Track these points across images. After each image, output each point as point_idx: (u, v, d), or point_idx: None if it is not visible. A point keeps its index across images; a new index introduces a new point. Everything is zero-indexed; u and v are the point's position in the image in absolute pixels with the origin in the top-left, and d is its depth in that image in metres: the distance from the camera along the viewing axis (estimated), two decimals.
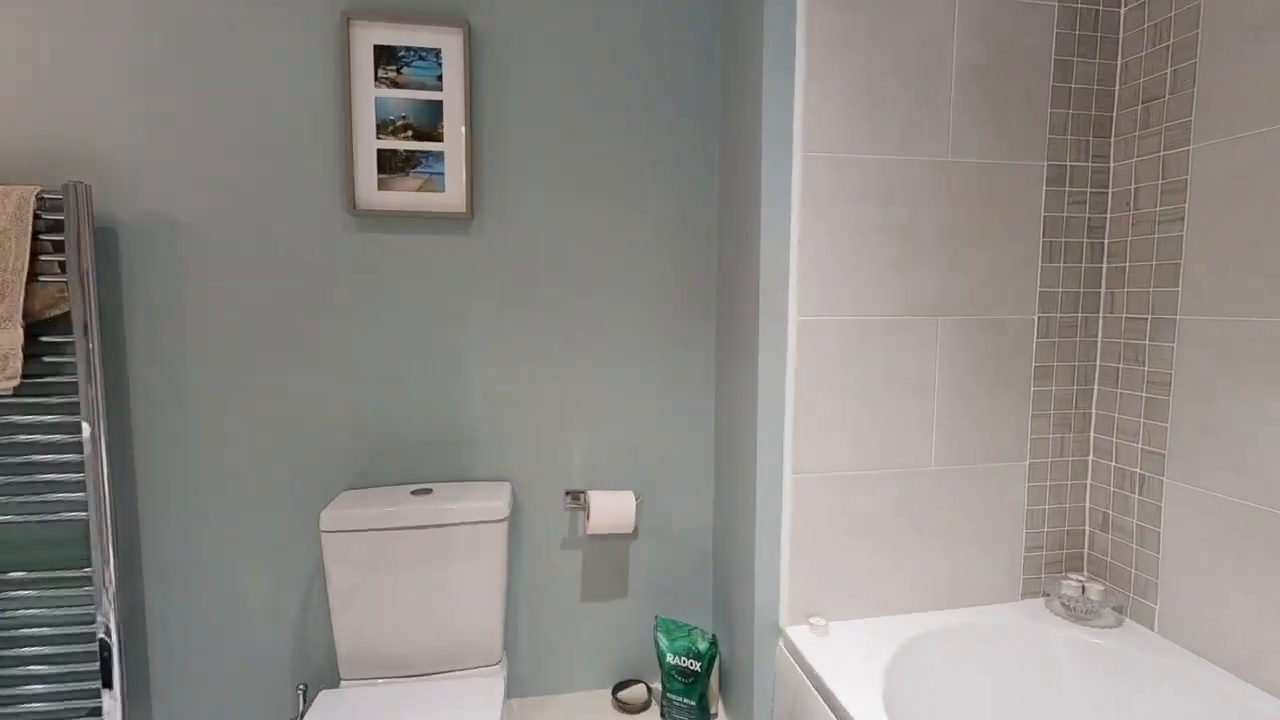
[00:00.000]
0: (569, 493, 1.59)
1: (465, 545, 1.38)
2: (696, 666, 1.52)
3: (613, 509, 1.54)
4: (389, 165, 1.43)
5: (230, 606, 1.48)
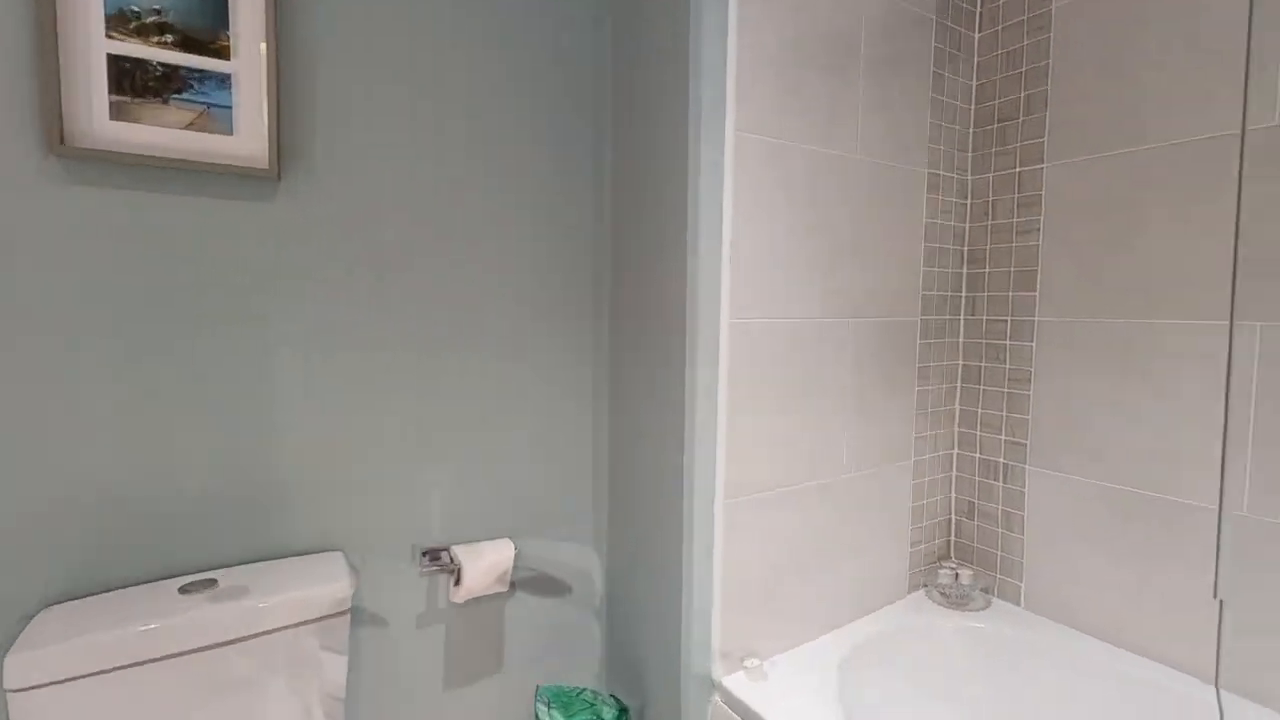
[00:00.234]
0: (427, 552, 1.21)
1: (283, 661, 0.94)
2: None
3: (488, 566, 1.21)
4: (133, 83, 0.91)
5: None
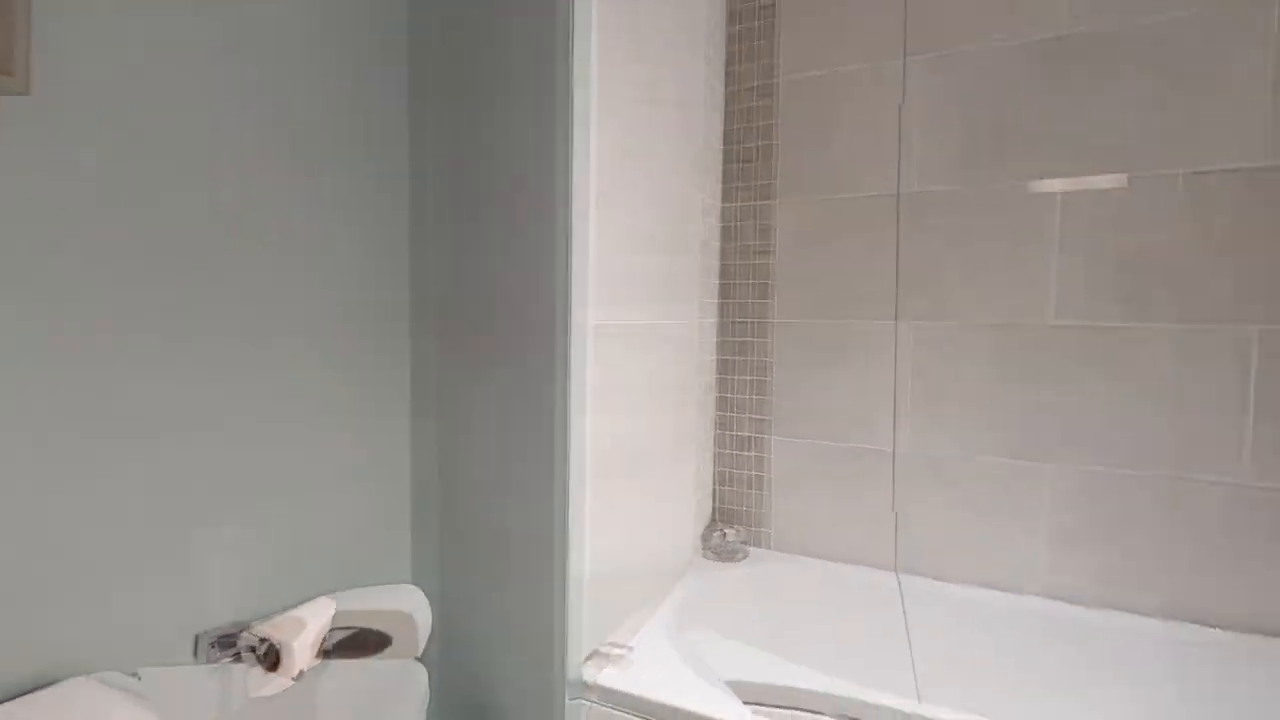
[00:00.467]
0: (217, 642, 0.90)
1: None
2: None
3: (313, 638, 0.97)
4: None
5: None
